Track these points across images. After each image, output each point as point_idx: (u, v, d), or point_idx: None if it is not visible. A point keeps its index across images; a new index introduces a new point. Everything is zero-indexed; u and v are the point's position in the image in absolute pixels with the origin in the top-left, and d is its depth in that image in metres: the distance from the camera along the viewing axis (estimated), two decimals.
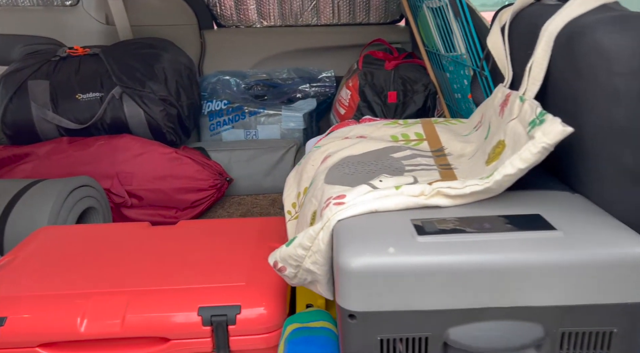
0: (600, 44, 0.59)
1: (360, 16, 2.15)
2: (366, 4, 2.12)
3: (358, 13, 2.15)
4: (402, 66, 1.69)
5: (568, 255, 0.56)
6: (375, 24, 2.16)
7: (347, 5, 2.12)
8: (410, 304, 0.57)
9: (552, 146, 0.61)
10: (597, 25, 0.61)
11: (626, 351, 0.58)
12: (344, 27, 2.17)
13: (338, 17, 2.16)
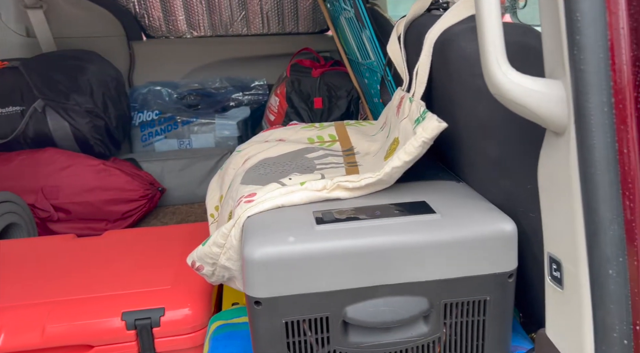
0: (464, 50, 0.68)
1: (289, 26, 2.22)
2: (295, 15, 2.20)
3: (287, 23, 2.22)
4: (328, 73, 1.77)
5: (444, 234, 0.63)
6: (304, 34, 2.24)
7: (276, 15, 2.19)
8: (310, 287, 0.63)
9: (431, 140, 0.69)
10: (462, 33, 0.70)
11: (499, 315, 0.66)
12: (274, 37, 2.23)
13: (268, 27, 2.21)
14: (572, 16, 0.44)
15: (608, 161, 0.44)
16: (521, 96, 0.48)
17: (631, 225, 0.45)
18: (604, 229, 0.44)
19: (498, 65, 0.48)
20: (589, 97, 0.44)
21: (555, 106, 0.47)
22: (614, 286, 0.45)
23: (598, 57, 0.43)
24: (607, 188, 0.44)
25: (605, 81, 0.43)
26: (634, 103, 0.44)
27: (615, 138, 0.44)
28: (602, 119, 0.44)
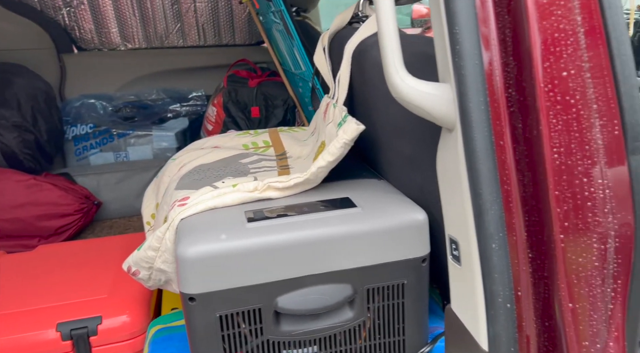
0: (375, 59, 0.75)
1: (225, 38, 2.26)
2: (231, 27, 2.24)
3: (224, 35, 2.25)
4: (265, 83, 1.82)
5: (365, 225, 0.70)
6: (241, 45, 2.28)
7: (212, 28, 2.21)
8: (242, 281, 0.67)
9: (351, 141, 0.75)
10: (375, 44, 0.77)
11: (416, 298, 0.73)
12: (211, 49, 2.26)
13: (204, 39, 2.23)
14: (452, 30, 0.51)
15: (487, 152, 0.52)
16: (417, 99, 0.55)
17: (509, 205, 0.53)
18: (487, 210, 0.52)
19: (396, 72, 0.55)
20: (469, 98, 0.51)
21: (446, 106, 0.55)
22: (497, 258, 0.52)
23: (474, 64, 0.51)
24: (487, 175, 0.52)
25: (482, 83, 0.51)
26: (506, 102, 0.52)
27: (492, 132, 0.52)
28: (480, 116, 0.52)
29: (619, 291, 0.52)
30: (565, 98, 0.49)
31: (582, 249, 0.50)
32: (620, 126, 0.51)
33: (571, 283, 0.51)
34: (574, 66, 0.49)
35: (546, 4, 0.49)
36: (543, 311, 0.54)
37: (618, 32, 0.50)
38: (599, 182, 0.50)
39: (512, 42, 0.51)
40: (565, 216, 0.50)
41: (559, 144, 0.50)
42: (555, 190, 0.50)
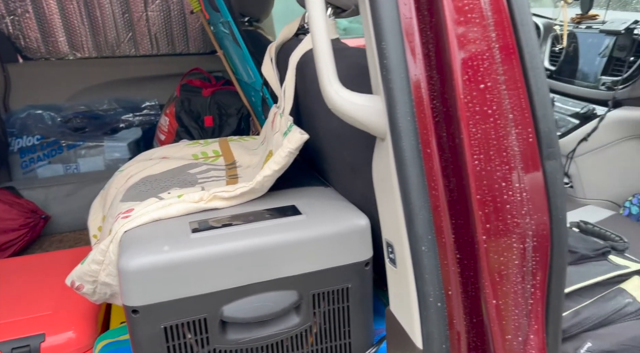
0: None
1: (179, 47, 2.24)
2: (184, 36, 2.22)
3: (177, 44, 2.23)
4: (219, 92, 1.82)
5: (309, 232, 0.72)
6: (195, 54, 2.26)
7: (165, 36, 2.19)
8: (187, 291, 0.67)
9: (296, 150, 0.77)
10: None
11: (360, 301, 0.76)
12: (165, 58, 2.23)
13: (157, 48, 2.21)
14: (380, 44, 0.54)
15: (415, 160, 0.55)
16: (350, 110, 0.58)
17: (437, 209, 0.56)
18: (416, 214, 0.55)
19: (330, 84, 0.58)
20: (397, 109, 0.54)
21: (377, 116, 0.58)
22: (427, 259, 0.55)
23: (401, 77, 0.54)
24: (415, 181, 0.55)
25: (408, 95, 0.54)
26: (431, 113, 0.55)
27: (419, 141, 0.55)
28: (408, 126, 0.55)
29: (538, 286, 0.56)
30: (483, 109, 0.53)
31: (503, 249, 0.54)
32: (535, 134, 0.55)
33: (494, 281, 0.55)
34: (490, 79, 0.53)
35: (463, 22, 0.53)
36: (472, 308, 0.57)
37: (530, 47, 0.55)
38: (517, 186, 0.54)
39: (436, 56, 0.55)
40: (487, 219, 0.54)
41: (478, 151, 0.53)
42: (477, 194, 0.53)
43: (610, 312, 0.95)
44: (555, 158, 0.56)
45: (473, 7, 0.53)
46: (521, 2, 0.54)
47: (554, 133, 0.56)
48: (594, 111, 1.45)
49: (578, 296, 1.00)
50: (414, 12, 0.54)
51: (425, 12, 0.54)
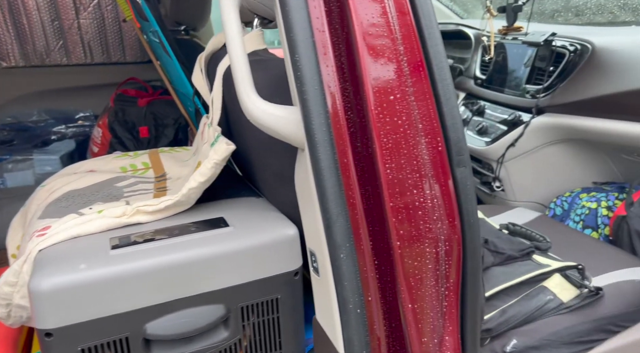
0: None
1: (115, 56, 2.17)
2: (120, 44, 2.15)
3: (113, 53, 2.16)
4: (155, 102, 1.77)
5: (236, 244, 0.71)
6: (131, 63, 2.20)
7: (99, 45, 2.12)
8: (106, 310, 0.64)
9: (222, 161, 0.77)
10: None
11: (291, 311, 0.76)
12: (99, 67, 2.15)
13: (91, 57, 2.13)
14: (293, 57, 0.55)
15: (331, 169, 0.56)
16: (268, 121, 0.58)
17: (355, 217, 0.57)
18: (334, 222, 0.56)
19: (248, 96, 0.58)
20: (312, 120, 0.55)
21: (295, 127, 0.58)
22: (346, 266, 0.56)
23: (314, 89, 0.55)
24: (332, 190, 0.56)
25: (322, 106, 0.55)
26: (346, 123, 0.57)
27: (335, 151, 0.56)
28: (323, 136, 0.56)
29: (452, 289, 0.58)
30: (394, 119, 0.55)
31: (417, 254, 0.56)
32: (444, 143, 0.57)
33: (410, 285, 0.56)
34: (400, 91, 0.55)
35: (373, 36, 0.54)
36: (391, 313, 0.59)
37: (438, 60, 0.57)
38: (428, 193, 0.56)
39: (349, 69, 0.56)
40: (400, 225, 0.55)
41: (390, 160, 0.55)
42: (390, 202, 0.55)
43: (534, 309, 1.00)
44: (465, 165, 0.59)
45: (381, 22, 0.55)
46: (429, 18, 0.57)
47: (463, 142, 0.59)
48: (520, 117, 1.54)
49: (505, 295, 1.05)
50: (327, 26, 0.56)
51: (337, 26, 0.56)
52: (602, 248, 1.18)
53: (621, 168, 1.51)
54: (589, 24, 1.92)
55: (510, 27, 1.70)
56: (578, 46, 1.42)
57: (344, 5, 0.54)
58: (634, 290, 1.01)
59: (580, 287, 1.00)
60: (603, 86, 1.31)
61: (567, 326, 0.97)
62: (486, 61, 1.72)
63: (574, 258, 1.10)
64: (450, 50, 1.99)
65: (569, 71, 1.41)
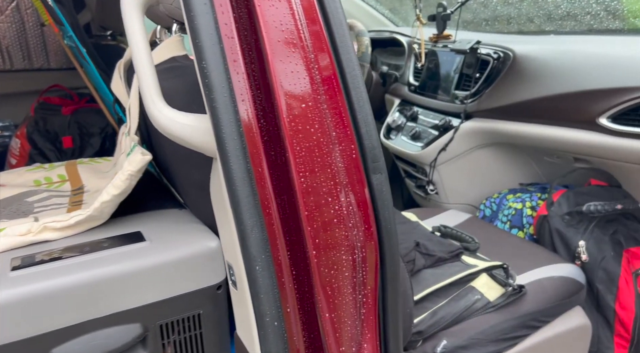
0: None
1: (38, 61, 2.04)
2: (43, 49, 2.03)
3: (35, 58, 2.03)
4: (81, 110, 1.68)
5: (151, 260, 0.68)
6: (56, 70, 2.08)
7: (19, 50, 1.98)
8: (7, 337, 0.59)
9: (138, 172, 0.73)
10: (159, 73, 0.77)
11: (215, 326, 0.73)
12: (21, 73, 2.02)
13: (10, 63, 1.99)
14: (201, 64, 0.53)
15: (245, 179, 0.54)
16: (176, 130, 0.56)
17: (271, 227, 0.56)
18: (248, 233, 0.54)
19: (154, 104, 0.55)
20: (223, 128, 0.53)
21: (207, 136, 0.56)
22: (262, 279, 0.55)
23: (224, 97, 0.53)
24: (246, 200, 0.54)
25: (233, 114, 0.54)
26: (259, 132, 0.55)
27: (249, 160, 0.55)
28: (235, 145, 0.54)
29: (369, 296, 0.58)
30: (306, 127, 0.54)
31: (333, 262, 0.55)
32: (358, 150, 0.57)
33: (327, 294, 0.56)
34: (311, 99, 0.55)
35: (282, 43, 0.54)
36: (310, 324, 0.58)
37: (350, 68, 0.57)
38: (343, 200, 0.56)
39: (260, 76, 0.55)
40: (316, 234, 0.55)
41: (303, 168, 0.54)
42: (305, 211, 0.54)
43: (463, 309, 1.03)
44: (381, 172, 0.59)
45: (291, 29, 0.54)
46: (340, 26, 0.57)
47: (378, 149, 0.59)
48: (450, 122, 1.59)
49: (435, 297, 1.07)
50: (236, 33, 0.54)
51: (246, 33, 0.55)
52: (526, 247, 1.23)
53: (544, 170, 1.59)
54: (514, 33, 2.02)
55: (440, 35, 1.76)
56: (501, 54, 1.49)
57: (252, 12, 0.53)
58: (554, 286, 1.06)
59: (505, 286, 1.04)
60: (523, 91, 1.38)
61: (493, 324, 1.00)
62: (419, 68, 1.77)
63: (500, 257, 1.14)
64: (385, 57, 2.04)
65: (493, 77, 1.48)
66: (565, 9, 1.79)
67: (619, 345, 1.14)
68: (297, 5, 0.54)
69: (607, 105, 1.16)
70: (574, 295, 1.06)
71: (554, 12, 1.82)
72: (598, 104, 1.18)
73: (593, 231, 1.22)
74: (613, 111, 1.15)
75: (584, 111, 1.20)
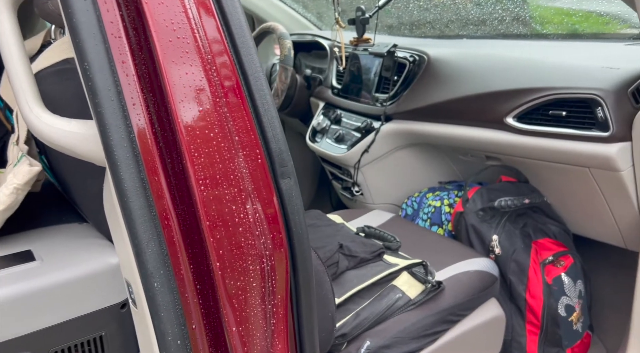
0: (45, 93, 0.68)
1: None
2: None
3: None
4: None
5: (42, 281, 0.61)
6: None
7: None
8: None
9: (25, 186, 0.66)
10: (47, 76, 0.70)
11: (120, 349, 0.68)
12: None
13: None
14: (82, 66, 0.49)
15: (137, 189, 0.50)
16: (60, 138, 0.51)
17: (171, 240, 0.52)
18: (144, 248, 0.50)
19: (30, 109, 0.50)
20: (110, 135, 0.49)
21: (93, 144, 0.52)
22: (161, 296, 0.51)
23: (111, 101, 0.49)
24: (141, 212, 0.50)
25: (122, 120, 0.50)
26: (154, 138, 0.52)
27: (142, 169, 0.51)
28: (125, 153, 0.50)
29: (280, 305, 0.56)
30: (205, 132, 0.51)
31: (240, 273, 0.53)
32: (264, 155, 0.55)
33: (234, 307, 0.53)
34: (210, 102, 0.52)
35: (175, 43, 0.50)
36: (218, 339, 0.55)
37: (253, 70, 0.55)
38: (249, 208, 0.54)
39: (151, 78, 0.51)
40: (219, 245, 0.52)
41: (204, 176, 0.51)
42: (206, 220, 0.51)
43: (385, 308, 1.04)
44: (290, 176, 0.57)
45: (184, 28, 0.51)
46: (239, 26, 0.55)
47: (286, 153, 0.57)
48: (371, 124, 1.61)
49: (359, 298, 1.07)
50: (123, 31, 0.50)
51: (135, 32, 0.51)
52: (444, 243, 1.28)
53: (460, 168, 1.67)
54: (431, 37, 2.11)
55: (359, 38, 1.78)
56: (416, 57, 1.53)
57: (140, 10, 0.49)
58: (469, 280, 1.10)
59: (425, 283, 1.06)
60: (438, 93, 1.43)
61: (414, 321, 1.02)
62: (341, 71, 1.79)
63: (421, 254, 1.17)
64: (310, 60, 2.04)
65: (410, 80, 1.52)
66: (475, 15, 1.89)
67: (531, 332, 1.21)
68: (190, 3, 0.51)
69: (512, 105, 1.23)
70: (489, 288, 1.11)
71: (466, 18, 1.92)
72: (504, 105, 1.24)
73: (505, 225, 1.28)
74: (518, 110, 1.22)
75: (492, 111, 1.27)
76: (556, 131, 1.14)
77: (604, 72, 1.12)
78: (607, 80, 1.09)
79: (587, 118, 1.10)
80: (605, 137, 1.06)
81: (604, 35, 1.74)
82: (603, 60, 1.19)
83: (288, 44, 1.50)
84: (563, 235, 1.31)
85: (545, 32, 1.95)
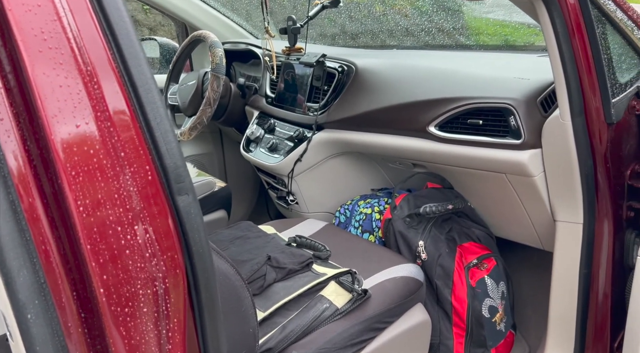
0: None
1: None
2: None
3: None
4: None
5: None
6: None
7: None
8: None
9: None
10: None
11: None
12: None
13: None
14: None
15: (5, 213, 0.46)
16: None
17: (49, 266, 0.48)
18: (15, 277, 0.46)
19: None
20: None
21: None
22: (36, 328, 0.47)
23: None
24: (9, 238, 0.46)
25: None
26: (26, 157, 0.47)
27: (13, 190, 0.46)
28: None
29: (177, 329, 0.53)
30: (83, 149, 0.48)
31: (128, 299, 0.50)
32: (155, 171, 0.52)
33: (122, 335, 0.49)
34: (90, 116, 0.48)
35: (46, 53, 0.47)
36: None
37: (143, 81, 0.52)
38: (137, 228, 0.50)
39: (21, 92, 0.47)
40: (103, 269, 0.48)
41: (83, 196, 0.48)
42: (87, 244, 0.48)
43: (312, 319, 1.03)
44: (187, 193, 0.55)
45: (57, 37, 0.47)
46: (125, 32, 0.52)
47: (182, 168, 0.54)
48: (304, 134, 1.61)
49: (286, 310, 1.05)
50: None
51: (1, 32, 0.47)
52: (374, 250, 1.28)
53: (391, 175, 1.69)
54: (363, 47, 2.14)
55: (291, 48, 1.78)
56: (345, 67, 1.55)
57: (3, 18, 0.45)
58: (395, 286, 1.11)
59: (352, 291, 1.06)
60: (365, 103, 1.45)
61: (341, 331, 1.01)
62: (274, 80, 1.77)
63: (351, 262, 1.17)
64: (245, 69, 2.01)
65: (339, 89, 1.53)
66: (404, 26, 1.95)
67: (457, 334, 1.23)
68: (64, 11, 0.47)
69: (434, 114, 1.26)
70: (414, 293, 1.13)
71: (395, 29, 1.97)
72: (427, 114, 1.27)
73: (431, 230, 1.31)
74: (439, 119, 1.25)
75: (416, 120, 1.30)
76: (474, 139, 1.18)
77: (515, 82, 1.18)
78: (519, 90, 1.14)
79: (501, 127, 1.15)
80: (518, 144, 1.11)
81: (521, 47, 1.84)
82: (517, 71, 1.25)
83: (219, 53, 1.47)
84: (487, 239, 1.36)
85: (473, 44, 2.04)
